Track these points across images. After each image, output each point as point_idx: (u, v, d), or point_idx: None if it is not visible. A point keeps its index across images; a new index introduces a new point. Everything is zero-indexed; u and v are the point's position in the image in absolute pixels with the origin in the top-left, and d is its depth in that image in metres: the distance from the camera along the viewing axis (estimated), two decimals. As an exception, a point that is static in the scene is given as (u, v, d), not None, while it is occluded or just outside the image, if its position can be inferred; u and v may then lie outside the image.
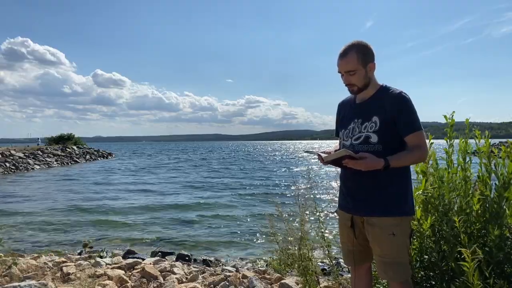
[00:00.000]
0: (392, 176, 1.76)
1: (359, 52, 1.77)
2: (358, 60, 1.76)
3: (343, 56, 1.79)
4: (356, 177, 1.82)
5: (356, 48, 1.77)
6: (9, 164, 23.40)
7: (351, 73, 1.79)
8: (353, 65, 1.77)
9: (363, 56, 1.77)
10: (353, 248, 1.97)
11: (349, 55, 1.77)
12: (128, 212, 9.88)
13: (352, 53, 1.77)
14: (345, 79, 1.83)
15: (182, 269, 4.20)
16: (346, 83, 1.84)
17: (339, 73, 1.84)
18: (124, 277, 3.59)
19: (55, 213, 9.69)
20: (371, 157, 1.66)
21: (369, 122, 1.81)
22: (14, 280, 3.43)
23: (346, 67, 1.79)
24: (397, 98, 1.76)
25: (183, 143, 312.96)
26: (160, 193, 13.98)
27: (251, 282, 3.36)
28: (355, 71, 1.78)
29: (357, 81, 1.80)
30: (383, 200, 1.77)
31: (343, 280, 3.02)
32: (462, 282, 1.75)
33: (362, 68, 1.78)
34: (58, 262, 4.40)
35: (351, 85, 1.83)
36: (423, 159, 1.82)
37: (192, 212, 9.86)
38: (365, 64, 1.78)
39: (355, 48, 1.77)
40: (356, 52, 1.76)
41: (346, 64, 1.78)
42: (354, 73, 1.78)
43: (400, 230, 1.76)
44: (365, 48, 1.79)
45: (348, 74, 1.80)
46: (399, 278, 1.78)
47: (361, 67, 1.77)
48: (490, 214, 1.99)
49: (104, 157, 40.41)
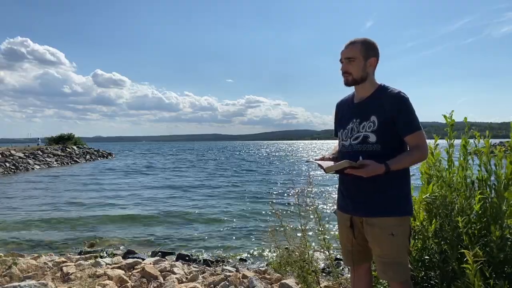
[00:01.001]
0: (391, 179, 1.76)
1: (364, 44, 1.82)
2: (360, 50, 1.81)
3: (349, 44, 1.85)
4: (355, 181, 1.81)
5: (362, 40, 1.83)
6: (9, 164, 23.39)
7: (350, 60, 1.82)
8: (354, 53, 1.81)
9: (366, 48, 1.81)
10: (352, 248, 1.97)
11: (354, 44, 1.83)
12: (129, 212, 9.87)
13: (357, 43, 1.83)
14: (343, 67, 1.86)
15: (182, 269, 4.20)
16: (343, 70, 1.86)
17: (340, 61, 1.87)
18: (124, 277, 3.59)
19: (55, 213, 9.68)
20: (372, 163, 1.66)
21: (367, 121, 1.80)
22: (14, 280, 3.43)
23: (347, 54, 1.83)
24: (396, 98, 1.75)
25: (183, 143, 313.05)
26: (160, 193, 13.98)
27: (251, 282, 3.36)
28: (355, 59, 1.81)
29: (354, 70, 1.82)
30: (383, 202, 1.77)
31: (343, 280, 3.02)
32: (462, 282, 1.75)
33: (362, 59, 1.81)
34: (58, 262, 4.40)
35: (347, 74, 1.85)
36: (424, 159, 1.82)
37: (192, 212, 9.85)
38: (366, 56, 1.81)
39: (360, 40, 1.83)
40: (361, 43, 1.82)
41: (348, 51, 1.83)
42: (353, 60, 1.81)
43: (400, 230, 1.76)
44: (370, 44, 1.84)
45: (347, 61, 1.83)
46: (399, 278, 1.78)
47: (362, 58, 1.81)
48: (490, 214, 1.99)
49: (104, 157, 40.41)
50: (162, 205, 11.06)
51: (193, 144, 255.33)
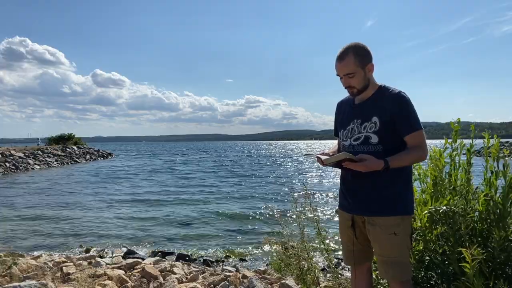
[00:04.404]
0: (392, 177, 1.76)
1: (356, 54, 1.75)
2: (355, 62, 1.75)
3: (341, 59, 1.78)
4: (356, 178, 1.82)
5: (353, 50, 1.76)
6: (9, 164, 23.40)
7: (350, 76, 1.78)
8: (351, 68, 1.76)
9: (360, 58, 1.76)
10: (353, 247, 1.97)
11: (346, 58, 1.76)
12: (129, 212, 9.88)
13: (350, 55, 1.75)
14: (344, 82, 1.83)
15: (182, 269, 4.20)
16: (346, 85, 1.83)
17: (338, 76, 1.84)
18: (124, 277, 3.59)
19: (55, 212, 9.68)
20: (371, 158, 1.66)
21: (368, 122, 1.80)
22: (14, 280, 3.43)
23: (344, 70, 1.78)
24: (396, 98, 1.75)
25: (183, 143, 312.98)
26: (160, 193, 13.98)
27: (251, 282, 3.36)
28: (354, 74, 1.77)
29: (357, 83, 1.79)
30: (384, 200, 1.77)
31: (343, 280, 3.01)
32: (463, 283, 1.75)
33: (361, 70, 1.77)
34: (58, 262, 4.40)
35: (350, 88, 1.82)
36: (423, 159, 1.82)
37: (193, 212, 9.86)
38: (363, 65, 1.77)
39: (352, 51, 1.76)
40: (353, 54, 1.75)
41: (344, 67, 1.77)
42: (353, 75, 1.77)
43: (401, 230, 1.76)
44: (362, 50, 1.77)
45: (347, 77, 1.79)
46: (400, 278, 1.78)
47: (360, 69, 1.77)
48: (494, 215, 1.98)
49: (104, 157, 40.43)
50: (162, 205, 11.06)
51: (193, 144, 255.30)
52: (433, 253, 2.10)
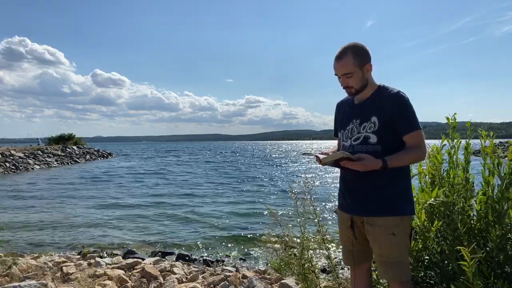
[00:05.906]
0: (391, 177, 1.76)
1: (355, 54, 1.75)
2: (354, 62, 1.75)
3: (339, 59, 1.77)
4: (355, 178, 1.82)
5: (352, 50, 1.76)
6: (9, 164, 23.40)
7: (348, 76, 1.77)
8: (349, 68, 1.75)
9: (359, 58, 1.75)
10: (352, 248, 1.97)
11: (344, 58, 1.76)
12: (128, 212, 9.88)
13: (348, 55, 1.75)
14: (342, 82, 1.82)
15: (182, 269, 4.21)
16: (344, 85, 1.83)
17: (336, 75, 1.83)
18: (124, 277, 3.59)
19: (55, 212, 9.68)
20: (369, 158, 1.66)
21: (367, 122, 1.80)
22: (14, 280, 3.43)
23: (342, 70, 1.78)
24: (396, 98, 1.75)
25: (183, 143, 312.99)
26: (161, 192, 13.98)
27: (251, 282, 3.36)
28: (352, 74, 1.76)
29: (355, 83, 1.79)
30: (383, 200, 1.77)
31: (343, 280, 3.01)
32: (462, 282, 1.75)
33: (359, 70, 1.77)
34: (58, 262, 4.40)
35: (348, 88, 1.82)
36: (422, 159, 1.82)
37: (192, 212, 9.86)
38: (361, 65, 1.77)
39: (350, 50, 1.76)
40: (351, 54, 1.75)
41: (342, 67, 1.77)
42: (351, 75, 1.77)
43: (400, 230, 1.76)
44: (361, 50, 1.77)
45: (345, 77, 1.79)
46: (399, 278, 1.78)
47: (358, 69, 1.76)
48: (492, 214, 1.99)
49: (104, 157, 40.44)
50: (162, 205, 11.06)
51: (193, 144, 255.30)
52: (431, 251, 2.10)
